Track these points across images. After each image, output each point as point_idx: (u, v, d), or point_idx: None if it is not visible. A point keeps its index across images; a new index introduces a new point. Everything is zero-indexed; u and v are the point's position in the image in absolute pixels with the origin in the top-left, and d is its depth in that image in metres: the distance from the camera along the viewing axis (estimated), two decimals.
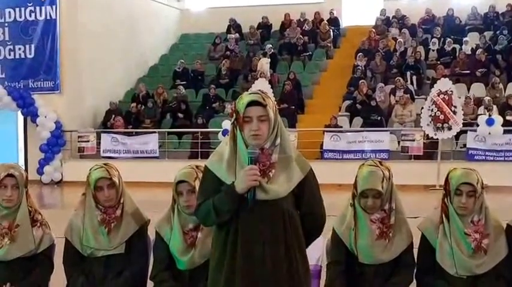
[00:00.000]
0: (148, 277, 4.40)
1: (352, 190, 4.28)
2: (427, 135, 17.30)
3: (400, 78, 20.18)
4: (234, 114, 3.58)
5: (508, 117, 17.73)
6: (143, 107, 21.22)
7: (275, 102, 3.63)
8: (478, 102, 18.70)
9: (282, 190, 3.50)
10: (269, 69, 21.76)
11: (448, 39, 22.06)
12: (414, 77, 20.87)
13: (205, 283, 3.75)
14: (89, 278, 4.33)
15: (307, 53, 23.56)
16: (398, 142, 18.29)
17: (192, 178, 4.12)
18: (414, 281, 4.33)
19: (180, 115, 20.78)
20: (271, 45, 23.45)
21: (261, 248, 3.49)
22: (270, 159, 3.51)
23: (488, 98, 18.35)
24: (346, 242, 4.26)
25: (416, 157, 17.94)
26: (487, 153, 17.39)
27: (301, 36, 23.74)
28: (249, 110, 3.49)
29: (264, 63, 21.71)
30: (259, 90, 3.67)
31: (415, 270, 4.30)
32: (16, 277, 4.38)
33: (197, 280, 4.08)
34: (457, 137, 17.86)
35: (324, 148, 18.57)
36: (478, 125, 17.25)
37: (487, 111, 17.64)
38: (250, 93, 3.57)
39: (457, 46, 21.99)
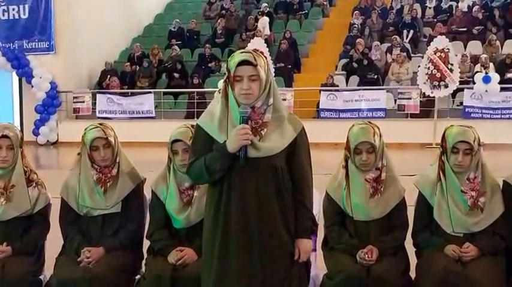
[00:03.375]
0: (145, 235, 4.42)
1: (344, 152, 4.30)
2: (424, 93, 17.28)
3: (396, 36, 20.11)
4: (226, 72, 3.56)
5: (508, 75, 17.68)
6: (138, 67, 21.11)
7: (267, 62, 3.59)
8: (475, 60, 18.62)
9: (274, 147, 3.50)
10: None
11: None
12: (411, 35, 20.77)
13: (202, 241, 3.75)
14: (86, 238, 4.34)
15: (303, 12, 23.40)
16: (395, 100, 18.28)
17: (187, 136, 4.10)
18: (411, 240, 4.34)
19: (176, 75, 20.69)
20: (267, 4, 23.28)
21: (255, 205, 3.49)
22: (262, 117, 3.50)
23: (485, 55, 18.26)
24: (338, 201, 4.28)
25: (413, 115, 17.93)
26: (483, 111, 17.38)
27: None
28: (239, 69, 3.47)
29: (263, 23, 21.56)
30: (254, 49, 3.64)
31: (407, 230, 4.30)
32: (12, 237, 4.39)
33: (193, 238, 4.09)
34: (453, 95, 17.85)
35: (320, 107, 18.55)
36: (474, 83, 17.20)
37: (484, 69, 17.57)
38: (241, 52, 3.55)
39: (453, 3, 21.88)
